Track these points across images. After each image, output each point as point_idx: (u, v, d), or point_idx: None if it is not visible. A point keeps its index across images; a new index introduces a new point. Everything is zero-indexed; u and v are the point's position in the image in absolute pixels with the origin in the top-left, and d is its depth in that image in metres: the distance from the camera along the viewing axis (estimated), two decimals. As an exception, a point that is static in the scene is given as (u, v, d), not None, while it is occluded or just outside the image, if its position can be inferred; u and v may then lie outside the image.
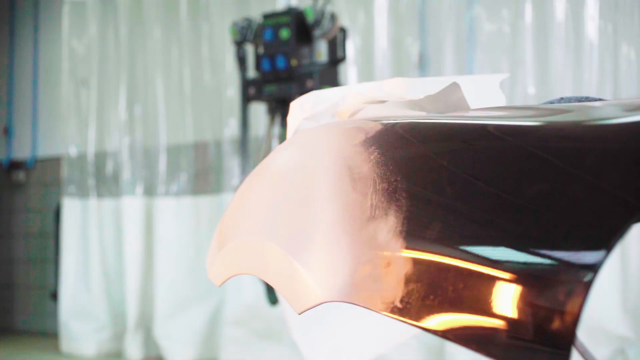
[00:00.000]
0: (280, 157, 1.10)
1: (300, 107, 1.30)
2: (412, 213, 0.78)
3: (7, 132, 6.44)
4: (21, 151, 6.35)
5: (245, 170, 3.85)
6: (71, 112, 5.21)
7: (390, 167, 0.84)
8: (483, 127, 0.88)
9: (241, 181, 4.08)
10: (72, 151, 5.17)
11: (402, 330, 1.74)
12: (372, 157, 0.88)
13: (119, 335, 4.89)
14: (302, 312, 0.88)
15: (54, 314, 5.67)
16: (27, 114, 6.34)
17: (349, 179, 0.88)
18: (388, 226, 0.79)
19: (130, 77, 4.95)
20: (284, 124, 3.70)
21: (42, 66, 6.27)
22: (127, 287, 4.75)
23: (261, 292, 4.09)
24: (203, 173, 4.72)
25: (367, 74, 4.09)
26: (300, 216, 0.93)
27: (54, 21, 6.05)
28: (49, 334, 5.75)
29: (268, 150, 3.81)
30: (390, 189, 0.82)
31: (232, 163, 4.50)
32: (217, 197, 4.59)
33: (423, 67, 4.06)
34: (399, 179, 0.82)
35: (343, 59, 3.61)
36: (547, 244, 0.65)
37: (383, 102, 1.16)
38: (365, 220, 0.82)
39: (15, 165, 6.34)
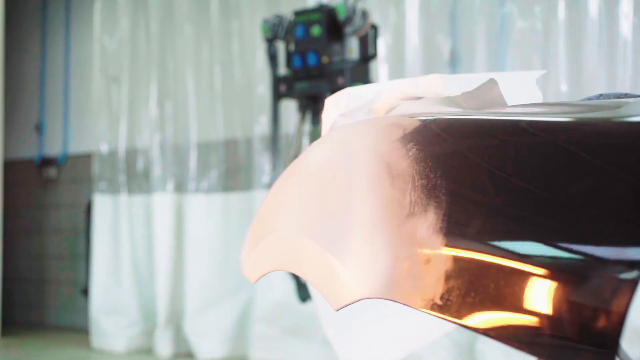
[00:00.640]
0: (315, 154, 1.10)
1: (336, 104, 1.29)
2: (451, 210, 0.77)
3: (39, 128, 6.49)
4: (52, 148, 6.40)
5: (275, 168, 3.85)
6: (102, 109, 5.24)
7: (429, 164, 0.84)
8: (521, 124, 0.88)
9: (271, 178, 4.10)
10: (103, 148, 5.21)
11: (433, 328, 1.73)
12: (410, 153, 0.88)
13: (149, 332, 4.91)
14: (339, 309, 0.88)
15: (84, 310, 5.71)
16: (59, 111, 6.39)
17: (387, 175, 0.88)
18: (427, 223, 0.78)
19: (161, 74, 4.97)
20: (314, 121, 3.70)
21: (73, 63, 6.32)
22: (158, 283, 4.77)
23: (291, 289, 4.09)
24: (233, 170, 4.73)
25: (397, 71, 4.07)
26: (338, 213, 0.92)
27: (85, 18, 6.10)
28: (79, 330, 5.79)
29: (299, 147, 3.81)
30: (430, 185, 0.81)
31: (262, 160, 4.50)
32: (247, 194, 4.60)
33: (454, 64, 4.05)
34: (438, 175, 0.82)
35: (374, 56, 3.60)
36: (591, 242, 0.64)
37: (419, 98, 1.16)
38: (404, 217, 0.82)
39: (46, 162, 6.39)
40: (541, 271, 0.66)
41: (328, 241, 0.91)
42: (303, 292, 3.63)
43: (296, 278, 3.66)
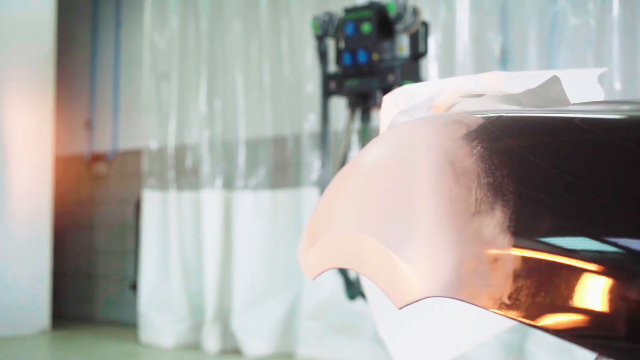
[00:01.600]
0: (375, 152, 1.09)
1: (394, 101, 1.28)
2: (519, 208, 0.76)
3: (89, 125, 6.57)
4: (102, 144, 6.47)
5: (324, 165, 3.85)
6: (152, 105, 5.29)
7: (495, 162, 0.83)
8: (587, 122, 0.87)
9: (320, 176, 4.10)
10: (153, 144, 5.25)
11: (486, 329, 1.72)
12: (475, 151, 0.87)
13: (196, 328, 4.94)
14: (402, 307, 0.87)
15: (132, 305, 5.77)
16: (108, 108, 6.46)
17: (451, 173, 0.87)
18: (494, 221, 0.77)
19: (211, 71, 4.99)
20: (364, 119, 3.69)
21: (123, 60, 6.38)
22: (206, 279, 4.80)
23: (340, 286, 4.09)
24: (281, 167, 4.74)
25: (447, 69, 4.05)
26: (400, 210, 0.92)
27: (135, 16, 6.15)
28: (127, 324, 5.85)
29: (348, 144, 3.81)
30: (496, 183, 0.80)
31: (311, 157, 4.51)
32: (295, 191, 4.61)
33: (505, 62, 4.01)
34: (505, 173, 0.81)
35: (425, 53, 3.58)
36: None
37: (479, 96, 1.15)
38: (470, 215, 0.81)
39: (96, 158, 6.47)
40: (615, 271, 0.65)
41: (391, 239, 0.90)
42: (351, 289, 3.63)
43: (345, 276, 3.66)
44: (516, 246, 0.73)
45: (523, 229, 0.74)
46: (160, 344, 4.95)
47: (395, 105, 1.27)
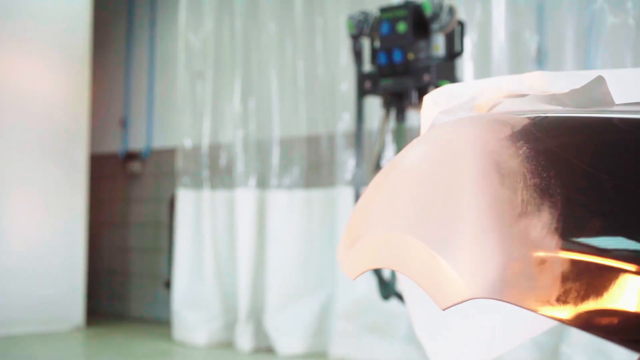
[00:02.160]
0: (417, 152, 1.09)
1: (434, 101, 1.28)
2: (567, 210, 0.76)
3: (124, 123, 6.61)
4: (137, 142, 6.52)
5: (359, 165, 3.84)
6: (186, 104, 5.31)
7: (542, 163, 0.82)
8: (633, 123, 0.86)
9: (354, 175, 4.09)
10: (187, 143, 5.27)
11: (523, 331, 1.71)
12: (520, 151, 0.86)
13: (230, 326, 4.96)
14: (446, 308, 0.87)
15: (165, 303, 5.80)
16: (143, 106, 6.50)
17: (496, 173, 0.87)
18: (541, 223, 0.77)
19: (245, 71, 5.01)
20: (399, 119, 3.68)
21: (158, 59, 6.42)
22: (239, 278, 4.81)
23: (373, 286, 4.09)
24: (315, 166, 4.74)
25: (483, 69, 4.03)
26: (444, 211, 0.91)
27: (170, 15, 6.19)
28: (161, 322, 5.89)
29: (382, 144, 3.80)
30: (543, 184, 0.80)
31: (345, 157, 4.50)
32: (329, 190, 4.61)
33: (541, 62, 3.98)
34: (552, 174, 0.80)
35: (460, 53, 3.56)
36: None
37: (523, 96, 1.14)
38: (516, 216, 0.80)
39: (131, 156, 6.51)
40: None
41: (434, 240, 0.90)
42: (385, 289, 3.62)
43: (379, 275, 3.65)
44: (564, 248, 0.72)
45: (571, 231, 0.73)
46: (193, 342, 4.97)
47: (436, 105, 1.27)
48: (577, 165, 0.82)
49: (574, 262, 0.72)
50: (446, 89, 1.29)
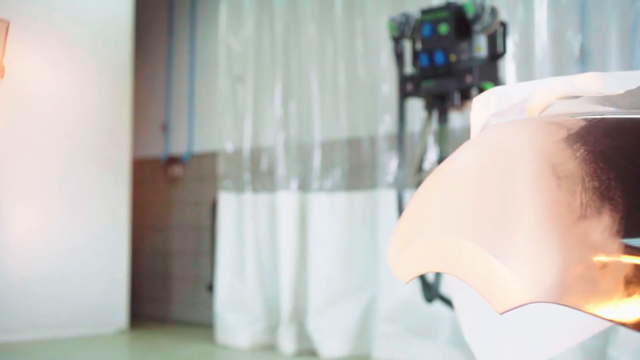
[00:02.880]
0: (469, 155, 1.08)
1: (484, 104, 1.27)
2: (629, 212, 0.75)
3: (165, 128, 6.66)
4: (178, 146, 6.56)
5: (401, 167, 3.83)
6: (227, 108, 5.33)
7: (601, 165, 0.82)
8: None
9: (396, 177, 4.08)
10: (228, 146, 5.29)
11: (572, 335, 1.69)
12: (577, 154, 0.85)
13: (272, 328, 4.97)
14: (504, 312, 0.86)
15: (208, 305, 5.83)
16: (184, 111, 6.54)
17: (553, 176, 0.86)
18: (602, 226, 0.76)
19: (286, 74, 5.01)
20: (441, 120, 3.67)
21: (198, 64, 6.46)
22: (281, 280, 4.82)
23: (416, 288, 4.07)
24: (356, 169, 4.73)
25: (525, 69, 3.99)
26: (499, 214, 0.91)
27: (210, 20, 6.23)
28: (203, 325, 5.92)
29: (425, 146, 3.78)
30: (603, 187, 0.79)
31: (386, 159, 4.49)
32: (370, 193, 4.60)
33: (584, 62, 3.94)
34: (611, 177, 0.79)
35: (503, 54, 3.54)
36: None
37: (576, 97, 1.13)
38: (575, 220, 0.80)
39: (172, 160, 6.56)
40: None
41: (491, 243, 0.89)
42: (429, 292, 3.60)
43: (422, 278, 3.64)
44: (627, 252, 0.72)
45: (634, 233, 0.72)
46: (236, 344, 4.98)
47: (486, 107, 1.26)
48: (637, 168, 0.81)
49: (637, 266, 0.71)
50: (496, 91, 1.28)
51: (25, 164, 5.20)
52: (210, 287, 5.70)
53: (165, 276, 6.57)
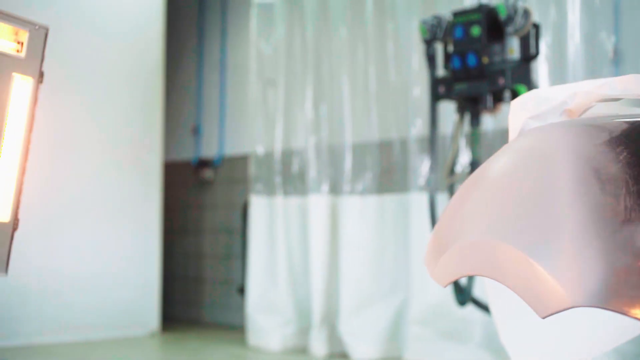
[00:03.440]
0: (509, 158, 1.08)
1: (522, 107, 1.26)
2: (675, 217, 0.74)
3: (196, 131, 6.69)
4: (209, 150, 6.59)
5: (433, 170, 3.82)
6: (258, 111, 5.34)
7: (645, 168, 0.81)
8: None
9: (428, 180, 4.07)
10: (260, 150, 5.31)
11: (609, 339, 1.68)
12: (621, 157, 0.85)
13: (304, 331, 4.97)
14: (546, 317, 0.86)
15: (239, 308, 5.85)
16: (215, 114, 6.57)
17: (596, 180, 0.85)
18: (647, 230, 0.75)
19: (317, 77, 5.02)
20: (473, 123, 3.65)
21: (229, 68, 6.49)
22: (313, 283, 4.83)
23: (448, 291, 4.06)
24: (388, 172, 4.73)
25: (558, 71, 3.97)
26: (540, 218, 0.90)
27: (241, 24, 6.25)
28: (234, 328, 5.94)
29: (457, 149, 3.77)
30: (647, 191, 0.78)
31: (418, 162, 4.48)
32: (402, 196, 4.59)
33: (618, 63, 3.91)
34: (656, 180, 0.79)
35: (536, 55, 3.52)
36: None
37: (616, 100, 1.12)
38: (619, 224, 0.79)
39: (203, 163, 6.59)
40: None
41: (532, 248, 0.89)
42: (462, 295, 3.59)
43: (455, 282, 3.62)
44: (674, 256, 0.71)
45: (681, 239, 0.72)
46: (267, 347, 4.99)
47: (524, 110, 1.25)
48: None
49: (684, 270, 0.70)
50: (534, 93, 1.27)
51: (58, 167, 5.25)
52: (241, 290, 5.72)
53: (197, 279, 6.60)
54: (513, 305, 1.48)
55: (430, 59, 3.74)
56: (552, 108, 1.19)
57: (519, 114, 1.26)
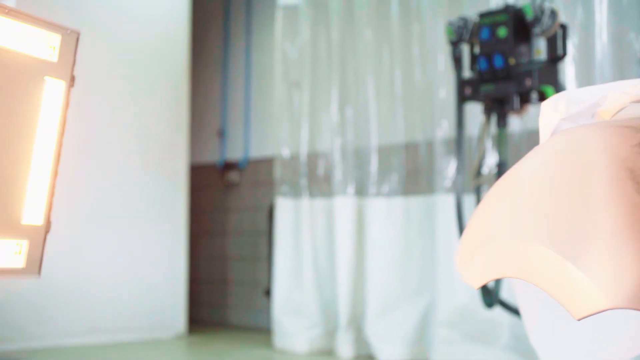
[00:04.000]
0: (541, 160, 1.07)
1: (554, 108, 1.26)
2: None
3: (222, 134, 6.71)
4: (234, 152, 6.61)
5: (460, 172, 3.81)
6: (284, 114, 5.36)
7: (681, 169, 0.80)
8: None
9: (454, 182, 4.06)
10: (285, 152, 5.32)
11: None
12: (656, 158, 0.84)
13: (330, 333, 4.98)
14: (582, 318, 0.86)
15: (265, 310, 5.87)
16: (240, 117, 6.59)
17: (631, 181, 0.85)
18: (685, 231, 0.75)
19: (342, 79, 5.02)
20: (500, 124, 3.64)
21: (254, 70, 6.50)
22: (339, 285, 4.83)
23: (475, 293, 4.05)
24: (414, 174, 4.72)
25: (585, 72, 3.94)
26: (575, 220, 0.90)
27: (265, 26, 6.27)
28: (260, 330, 5.95)
29: (483, 150, 3.76)
30: (684, 192, 0.78)
31: (444, 164, 4.47)
32: (428, 198, 4.58)
33: (646, 63, 3.88)
34: (693, 181, 0.78)
35: (563, 56, 3.50)
36: None
37: (650, 100, 1.11)
38: (656, 225, 0.79)
39: (229, 166, 6.61)
40: None
41: (567, 249, 0.88)
42: (489, 297, 3.58)
43: (482, 283, 3.61)
44: None
45: None
46: (293, 349, 5.00)
47: (556, 111, 1.25)
48: None
49: None
50: (565, 94, 1.27)
51: (85, 170, 5.28)
52: (267, 292, 5.73)
53: (223, 281, 6.62)
54: (544, 307, 1.47)
55: (457, 61, 3.73)
56: (584, 109, 1.19)
57: (550, 115, 1.26)
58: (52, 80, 1.45)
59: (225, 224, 6.65)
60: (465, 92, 3.64)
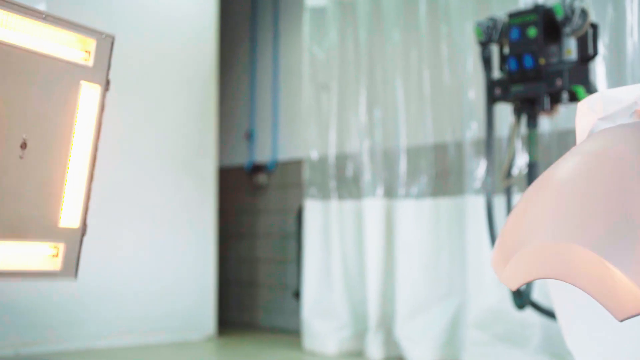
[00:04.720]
0: (579, 160, 1.07)
1: (590, 108, 1.25)
2: None
3: (250, 136, 6.73)
4: (262, 155, 6.62)
5: (489, 173, 3.79)
6: (312, 116, 5.36)
7: None
8: None
9: (484, 183, 4.05)
10: (313, 154, 5.32)
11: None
12: (698, 158, 0.84)
13: (359, 335, 4.97)
14: (624, 319, 0.85)
15: (294, 312, 5.87)
16: (268, 119, 6.60)
17: (672, 181, 0.84)
18: None
19: (370, 81, 5.02)
20: (530, 125, 3.62)
21: (282, 73, 6.51)
22: (368, 287, 4.82)
23: (505, 294, 4.03)
24: (443, 175, 4.70)
25: (615, 72, 3.91)
26: (614, 220, 0.89)
27: (293, 28, 6.28)
28: (289, 332, 5.96)
29: (513, 151, 3.74)
30: None
31: (473, 165, 4.45)
32: (457, 199, 4.56)
33: (678, 62, 3.85)
34: None
35: (594, 56, 3.48)
36: None
37: (688, 100, 1.10)
38: (699, 225, 0.78)
39: (257, 168, 6.62)
40: None
41: (607, 250, 0.88)
42: (520, 299, 3.56)
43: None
44: None
45: None
46: (323, 351, 5.00)
47: (592, 111, 1.24)
48: None
49: None
50: (601, 94, 1.26)
51: (115, 173, 5.31)
52: (296, 294, 5.74)
53: (252, 283, 6.64)
54: (581, 308, 1.46)
55: (486, 61, 3.72)
56: (621, 109, 1.18)
57: (587, 115, 1.25)
58: (88, 84, 1.46)
59: (254, 226, 6.66)
60: (495, 92, 3.63)
